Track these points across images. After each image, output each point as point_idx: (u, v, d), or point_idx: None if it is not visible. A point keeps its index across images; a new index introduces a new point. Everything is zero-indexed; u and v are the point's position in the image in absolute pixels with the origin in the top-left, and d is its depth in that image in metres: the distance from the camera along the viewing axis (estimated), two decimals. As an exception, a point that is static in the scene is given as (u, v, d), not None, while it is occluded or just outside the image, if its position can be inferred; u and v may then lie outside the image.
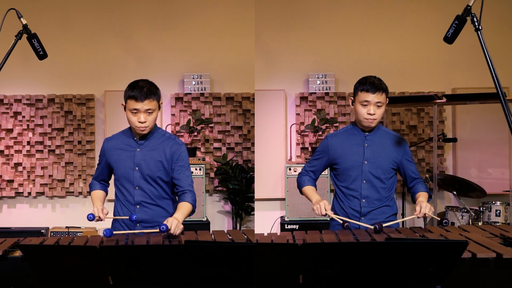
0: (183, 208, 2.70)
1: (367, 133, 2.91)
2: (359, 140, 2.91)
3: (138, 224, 2.82)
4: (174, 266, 1.81)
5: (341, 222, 2.73)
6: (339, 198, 2.97)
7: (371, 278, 1.82)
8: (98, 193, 2.94)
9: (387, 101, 2.88)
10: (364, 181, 2.87)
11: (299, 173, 3.09)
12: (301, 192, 3.05)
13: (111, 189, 2.99)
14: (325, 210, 2.76)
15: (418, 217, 2.77)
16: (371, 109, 2.81)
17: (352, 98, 2.92)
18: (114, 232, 2.61)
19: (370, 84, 2.82)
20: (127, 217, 2.76)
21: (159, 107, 2.78)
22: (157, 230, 2.52)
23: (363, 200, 2.88)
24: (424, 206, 2.73)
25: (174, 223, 2.54)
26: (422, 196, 2.84)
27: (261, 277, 1.83)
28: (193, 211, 2.75)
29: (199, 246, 1.89)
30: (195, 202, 2.77)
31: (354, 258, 1.76)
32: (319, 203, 2.80)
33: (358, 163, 2.88)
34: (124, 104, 2.76)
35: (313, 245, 1.79)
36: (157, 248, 1.96)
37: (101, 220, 2.70)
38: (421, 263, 1.78)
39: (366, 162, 2.87)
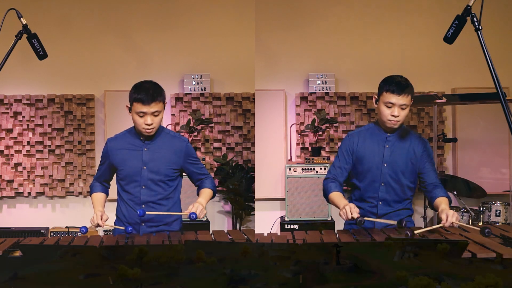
0: (205, 193, 2.87)
1: (388, 134, 2.84)
2: (380, 140, 2.84)
3: (143, 224, 2.82)
4: (174, 266, 1.81)
5: (373, 220, 2.72)
6: (355, 197, 2.93)
7: (371, 277, 1.82)
8: (99, 196, 2.92)
9: (412, 101, 2.77)
10: (383, 184, 2.83)
11: (325, 179, 2.94)
12: (328, 200, 2.91)
13: (114, 189, 2.98)
14: (351, 213, 2.63)
15: (445, 226, 2.59)
16: (395, 111, 2.72)
17: (376, 96, 2.80)
18: (148, 213, 2.75)
19: (396, 85, 2.70)
20: (123, 228, 2.75)
21: (164, 108, 2.79)
22: (187, 214, 2.67)
23: (380, 203, 2.85)
24: (451, 215, 2.57)
25: (199, 208, 2.70)
26: (444, 203, 2.72)
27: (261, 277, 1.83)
28: (214, 195, 2.92)
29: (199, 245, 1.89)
30: (215, 187, 2.95)
31: (354, 258, 1.76)
32: (345, 207, 2.67)
33: (377, 165, 2.82)
34: (129, 106, 2.75)
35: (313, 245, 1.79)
36: (157, 248, 1.96)
37: (100, 226, 2.70)
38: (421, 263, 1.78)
39: (385, 164, 2.82)
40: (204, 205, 2.76)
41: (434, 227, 2.66)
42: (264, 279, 1.64)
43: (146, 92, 2.68)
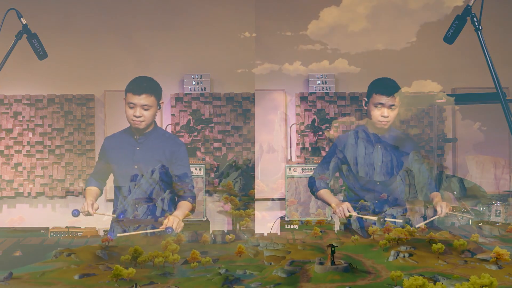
0: (183, 206, 2.79)
1: (380, 135, 2.97)
2: (371, 142, 2.95)
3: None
4: (169, 266, 1.81)
5: (375, 219, 2.77)
6: (350, 198, 3.00)
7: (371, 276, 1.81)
8: (91, 189, 2.98)
9: (400, 103, 2.91)
10: (378, 183, 2.93)
11: (311, 177, 3.11)
12: (316, 196, 3.09)
13: (113, 189, 2.99)
14: (348, 212, 2.80)
15: (441, 216, 2.90)
16: (385, 111, 2.88)
17: (365, 99, 2.96)
18: (119, 235, 2.62)
19: (384, 86, 2.87)
20: (114, 215, 2.77)
21: (159, 106, 2.81)
22: (163, 230, 2.57)
23: (376, 201, 2.92)
24: (444, 206, 2.89)
25: (176, 222, 2.61)
26: (437, 197, 3.00)
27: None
28: (193, 210, 2.83)
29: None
30: (195, 200, 2.87)
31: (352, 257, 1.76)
32: (341, 205, 2.83)
33: (371, 165, 2.92)
34: (125, 98, 2.81)
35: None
36: (152, 248, 1.96)
37: (90, 215, 2.72)
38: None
39: (380, 164, 2.92)
40: (180, 218, 2.66)
41: (431, 218, 2.98)
42: (259, 279, 1.65)
43: (138, 84, 2.76)
